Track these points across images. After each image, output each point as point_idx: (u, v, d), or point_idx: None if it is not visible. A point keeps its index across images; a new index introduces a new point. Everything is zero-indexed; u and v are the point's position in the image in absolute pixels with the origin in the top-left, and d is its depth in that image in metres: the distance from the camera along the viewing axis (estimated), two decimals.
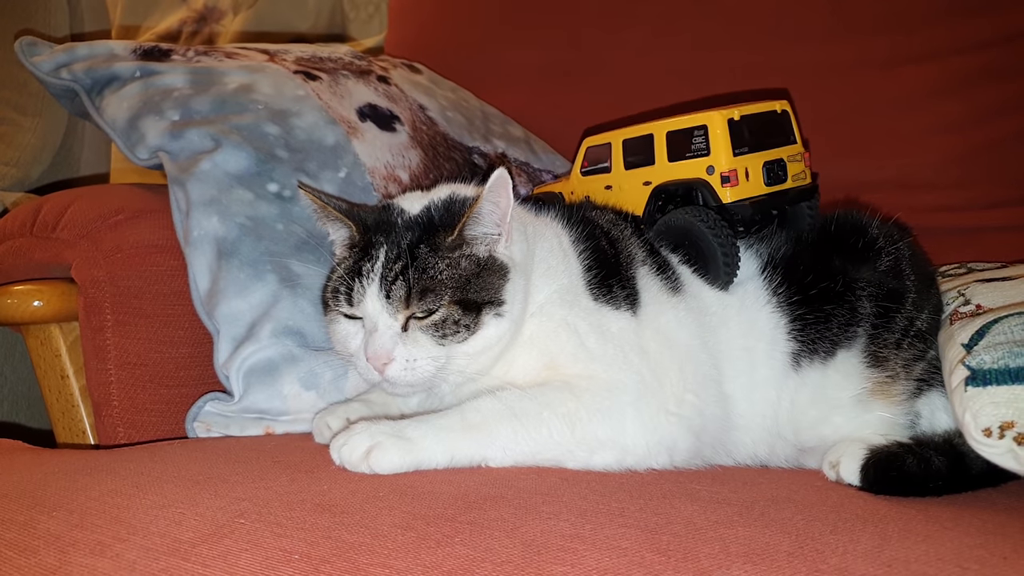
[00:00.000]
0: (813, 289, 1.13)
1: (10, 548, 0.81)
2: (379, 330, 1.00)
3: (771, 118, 1.19)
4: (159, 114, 1.32)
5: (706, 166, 1.14)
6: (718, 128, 1.13)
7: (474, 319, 1.01)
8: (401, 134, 1.49)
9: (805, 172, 1.22)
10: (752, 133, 1.15)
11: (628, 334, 1.07)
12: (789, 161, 1.19)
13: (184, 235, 1.24)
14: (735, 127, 1.13)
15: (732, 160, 1.13)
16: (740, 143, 1.14)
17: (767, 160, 1.16)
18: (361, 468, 0.92)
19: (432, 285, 1.00)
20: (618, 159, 1.25)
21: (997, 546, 0.77)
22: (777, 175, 1.17)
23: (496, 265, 1.04)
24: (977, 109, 1.51)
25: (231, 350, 1.19)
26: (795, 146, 1.21)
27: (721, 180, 1.13)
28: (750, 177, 1.14)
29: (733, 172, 1.13)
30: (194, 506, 0.82)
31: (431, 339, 1.01)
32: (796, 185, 1.20)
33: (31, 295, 1.27)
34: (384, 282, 1.00)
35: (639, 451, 1.00)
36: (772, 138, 1.18)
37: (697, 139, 1.14)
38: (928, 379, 1.11)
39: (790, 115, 1.21)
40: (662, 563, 0.69)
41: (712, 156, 1.13)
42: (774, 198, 1.17)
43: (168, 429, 1.23)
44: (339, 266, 1.07)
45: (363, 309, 1.02)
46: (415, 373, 1.00)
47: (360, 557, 0.70)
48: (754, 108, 1.17)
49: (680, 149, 1.17)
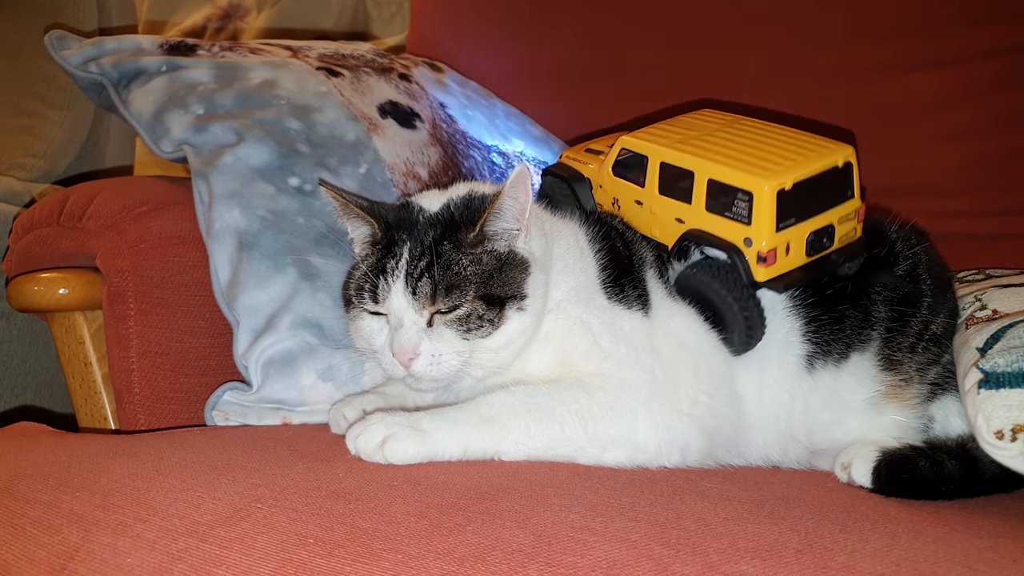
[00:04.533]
0: (829, 291, 1.12)
1: (35, 526, 0.83)
2: (405, 326, 1.01)
3: (830, 176, 1.04)
4: (184, 108, 1.34)
5: (744, 236, 1.02)
6: (764, 201, 0.99)
7: (498, 314, 1.02)
8: (421, 131, 1.50)
9: (856, 228, 1.09)
10: (803, 200, 1.01)
11: (641, 334, 1.07)
12: (839, 224, 1.05)
13: (206, 227, 1.26)
14: (784, 199, 1.00)
15: (774, 238, 1.00)
16: (787, 215, 1.01)
17: (814, 230, 1.04)
18: (376, 458, 0.93)
19: (457, 281, 1.01)
20: (653, 179, 1.12)
21: (1007, 549, 0.77)
22: (822, 243, 1.05)
23: (517, 260, 1.05)
24: (995, 116, 1.50)
25: (250, 341, 1.20)
26: (851, 203, 1.07)
27: (757, 258, 1.02)
28: (791, 252, 1.03)
29: (772, 252, 1.01)
30: (212, 490, 0.84)
31: (456, 334, 1.02)
32: (840, 246, 1.08)
33: (57, 283, 1.29)
34: (410, 279, 1.01)
35: (651, 449, 1.00)
36: (826, 200, 1.05)
37: (740, 204, 1.01)
38: (942, 383, 1.11)
39: (853, 168, 1.06)
40: (671, 556, 0.70)
41: (753, 228, 1.01)
42: (812, 268, 1.06)
43: (187, 417, 1.25)
44: (361, 263, 1.08)
45: (388, 306, 1.03)
46: (440, 368, 1.01)
47: (374, 543, 0.72)
48: (812, 168, 1.02)
49: (719, 204, 1.04)
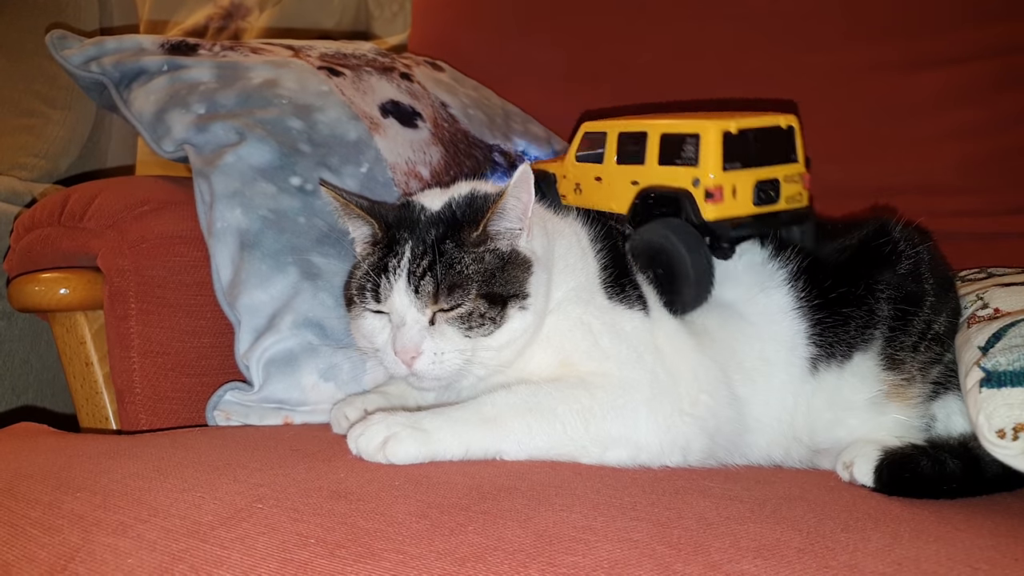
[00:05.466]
0: (833, 293, 1.12)
1: (35, 527, 0.83)
2: (407, 324, 1.01)
3: (773, 133, 1.12)
4: (185, 107, 1.34)
5: (692, 177, 1.08)
6: (711, 140, 1.06)
7: (500, 312, 1.02)
8: (423, 131, 1.50)
9: (802, 194, 1.14)
10: (748, 148, 1.08)
11: (642, 333, 1.07)
12: (785, 182, 1.12)
13: (208, 227, 1.26)
14: (730, 140, 1.07)
15: (720, 176, 1.07)
16: (732, 158, 1.07)
17: (760, 179, 1.09)
18: (377, 458, 0.93)
19: (459, 280, 1.01)
20: (611, 152, 1.20)
21: (1009, 548, 0.77)
22: (768, 195, 1.10)
23: (519, 259, 1.05)
24: (997, 115, 1.50)
25: (252, 341, 1.20)
26: (795, 166, 1.13)
27: (705, 195, 1.07)
28: (737, 195, 1.08)
29: (719, 189, 1.07)
30: (213, 490, 0.84)
31: (458, 332, 1.02)
32: (789, 207, 1.13)
33: (58, 283, 1.29)
34: (412, 278, 1.01)
35: (652, 449, 1.00)
36: (770, 155, 1.11)
37: (688, 147, 1.09)
38: (944, 382, 1.11)
39: (796, 132, 1.14)
40: (672, 555, 0.70)
41: (700, 168, 1.07)
42: (762, 220, 1.11)
43: (189, 417, 1.25)
44: (363, 262, 1.08)
45: (391, 305, 1.03)
46: (443, 366, 1.01)
47: (375, 543, 0.72)
48: (756, 121, 1.10)
49: (671, 154, 1.11)
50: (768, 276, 1.14)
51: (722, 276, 1.14)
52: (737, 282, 1.15)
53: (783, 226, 1.14)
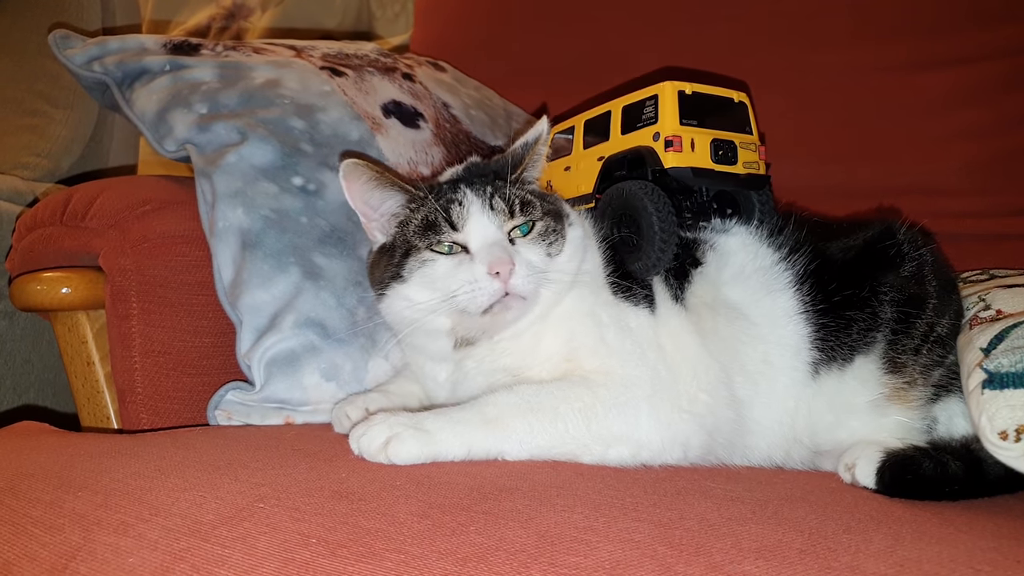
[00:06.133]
0: (838, 296, 1.12)
1: (37, 526, 0.83)
2: (494, 242, 1.03)
3: (726, 104, 1.20)
4: (187, 107, 1.34)
5: (652, 133, 1.15)
6: (667, 97, 1.14)
7: (562, 228, 1.08)
8: (425, 131, 1.50)
9: (758, 164, 1.20)
10: (703, 111, 1.16)
11: (646, 330, 1.08)
12: (741, 147, 1.18)
13: (209, 226, 1.26)
14: (685, 99, 1.14)
15: (678, 127, 1.13)
16: (689, 115, 1.14)
17: (716, 138, 1.16)
18: (379, 458, 0.93)
19: (526, 199, 1.08)
20: (578, 139, 1.27)
21: (1011, 549, 0.77)
22: (726, 156, 1.16)
23: (550, 194, 1.15)
24: (1000, 116, 1.50)
25: (253, 340, 1.20)
26: (749, 136, 1.20)
27: (665, 144, 1.13)
28: (696, 149, 1.14)
29: (677, 138, 1.13)
30: (215, 490, 0.84)
31: (539, 249, 1.06)
32: (746, 172, 1.18)
33: (60, 282, 1.29)
34: (484, 200, 1.05)
35: (654, 446, 1.00)
36: (724, 123, 1.18)
37: (648, 109, 1.16)
38: (947, 385, 1.11)
39: (748, 107, 1.20)
40: (674, 556, 0.70)
41: (659, 123, 1.14)
42: (720, 177, 1.16)
43: (190, 416, 1.25)
44: (414, 214, 1.08)
45: (469, 229, 1.04)
46: (531, 283, 1.02)
47: (376, 542, 0.71)
48: (710, 90, 1.18)
49: (632, 121, 1.19)
50: (775, 278, 1.15)
51: (732, 275, 1.15)
52: (746, 283, 1.15)
53: (741, 187, 1.19)
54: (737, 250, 1.17)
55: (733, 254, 1.17)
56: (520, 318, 1.05)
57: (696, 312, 1.12)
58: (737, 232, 1.19)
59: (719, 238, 1.18)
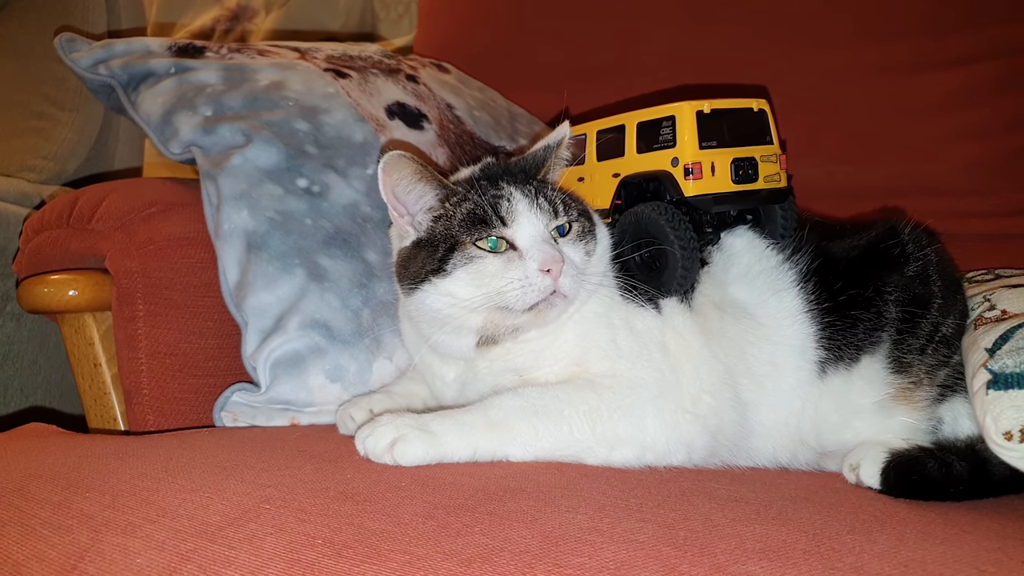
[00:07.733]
0: (843, 295, 1.12)
1: (45, 527, 0.83)
2: (544, 239, 1.03)
3: (745, 116, 1.15)
4: (192, 110, 1.35)
5: (671, 157, 1.11)
6: (686, 119, 1.10)
7: (594, 230, 1.10)
8: (428, 132, 1.51)
9: (780, 175, 1.17)
10: (723, 128, 1.12)
11: (652, 331, 1.08)
12: (762, 161, 1.14)
13: (215, 228, 1.26)
14: (704, 120, 1.10)
15: (697, 153, 1.10)
16: (708, 136, 1.10)
17: (736, 157, 1.12)
18: (385, 459, 0.93)
19: (564, 199, 1.09)
20: (591, 149, 1.23)
21: (1016, 550, 0.77)
22: (747, 174, 1.13)
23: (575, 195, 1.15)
24: (1003, 116, 1.49)
25: (259, 342, 1.21)
26: (770, 147, 1.16)
27: (684, 172, 1.10)
28: (716, 172, 1.11)
29: (697, 165, 1.09)
30: (221, 491, 0.84)
31: (580, 248, 1.07)
32: (768, 187, 1.15)
33: (66, 284, 1.30)
34: (531, 196, 1.06)
35: (659, 448, 1.00)
36: (744, 136, 1.14)
37: (665, 130, 1.12)
38: (952, 385, 1.10)
39: (767, 114, 1.17)
40: (678, 557, 0.70)
41: (678, 148, 1.10)
42: (741, 197, 1.14)
43: (196, 418, 1.26)
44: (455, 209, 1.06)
45: (519, 224, 1.04)
46: (577, 282, 1.03)
47: (381, 543, 0.72)
48: (728, 103, 1.14)
49: (649, 140, 1.15)
50: (780, 278, 1.15)
51: (738, 275, 1.15)
52: (752, 283, 1.15)
53: (763, 203, 1.17)
54: (743, 250, 1.17)
55: (739, 254, 1.17)
56: (560, 316, 1.05)
57: (702, 312, 1.12)
58: (743, 232, 1.19)
59: (725, 238, 1.18)
